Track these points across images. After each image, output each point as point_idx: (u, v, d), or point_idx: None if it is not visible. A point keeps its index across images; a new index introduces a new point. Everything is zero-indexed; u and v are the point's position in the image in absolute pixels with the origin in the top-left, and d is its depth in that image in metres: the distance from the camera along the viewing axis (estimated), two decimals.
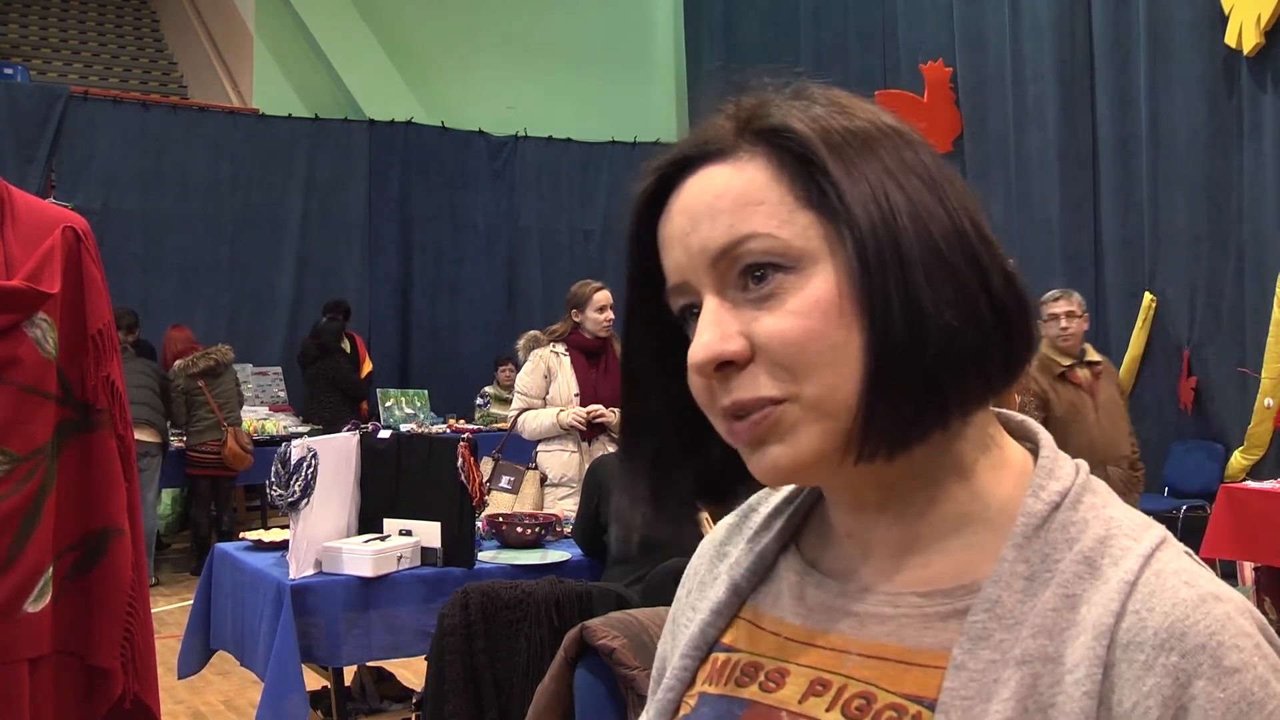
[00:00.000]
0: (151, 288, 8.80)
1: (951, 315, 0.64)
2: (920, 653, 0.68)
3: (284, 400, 8.98)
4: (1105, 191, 7.32)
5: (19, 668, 1.69)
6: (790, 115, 0.68)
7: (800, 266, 0.66)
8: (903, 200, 0.65)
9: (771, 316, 0.66)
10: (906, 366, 0.64)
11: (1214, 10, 6.52)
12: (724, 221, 0.67)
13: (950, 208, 0.67)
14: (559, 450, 4.45)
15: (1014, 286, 0.68)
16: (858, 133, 0.68)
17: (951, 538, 0.70)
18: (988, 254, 0.67)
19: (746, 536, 0.81)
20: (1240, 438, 6.43)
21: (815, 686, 0.70)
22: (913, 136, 0.70)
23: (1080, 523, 0.67)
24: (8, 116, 8.46)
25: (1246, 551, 4.89)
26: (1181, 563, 0.65)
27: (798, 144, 0.67)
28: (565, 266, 10.64)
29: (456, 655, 2.94)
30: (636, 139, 10.76)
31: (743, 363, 0.66)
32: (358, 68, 10.47)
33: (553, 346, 4.58)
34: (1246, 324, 6.44)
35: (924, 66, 8.39)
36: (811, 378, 0.65)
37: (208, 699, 4.86)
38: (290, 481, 3.18)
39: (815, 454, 0.66)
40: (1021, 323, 0.68)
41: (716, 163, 0.69)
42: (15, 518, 1.67)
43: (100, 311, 1.80)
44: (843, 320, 0.65)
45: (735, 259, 0.67)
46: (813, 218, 0.66)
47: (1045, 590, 0.65)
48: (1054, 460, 0.71)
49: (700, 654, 0.78)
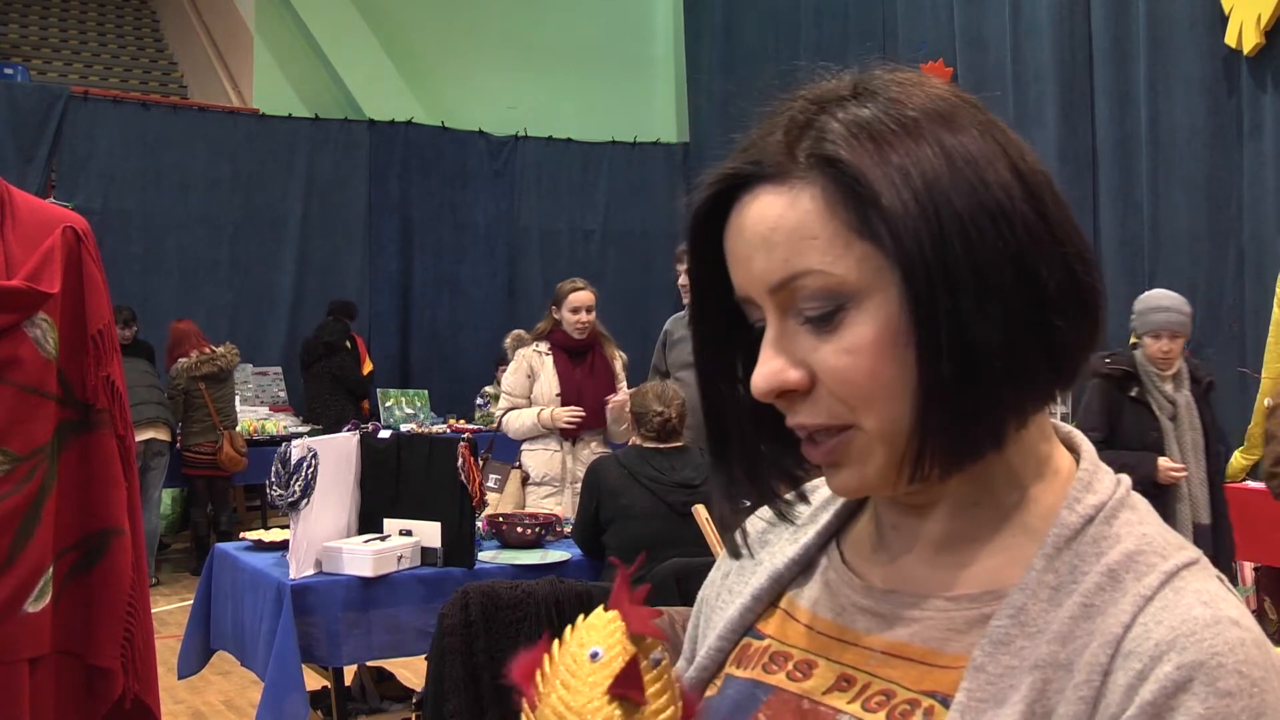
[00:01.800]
0: (151, 288, 8.79)
1: (1000, 340, 0.64)
2: (943, 655, 0.69)
3: (284, 400, 8.98)
4: (1105, 191, 7.31)
5: (19, 668, 1.69)
6: (840, 138, 0.67)
7: (857, 299, 0.66)
8: (952, 218, 0.64)
9: (829, 349, 0.67)
10: (958, 397, 0.65)
11: (1214, 10, 6.52)
12: (779, 255, 0.67)
13: (999, 214, 0.65)
14: (541, 449, 4.42)
15: (1076, 293, 0.67)
16: (910, 136, 0.66)
17: (991, 541, 0.71)
18: (1045, 258, 0.66)
19: (793, 527, 0.82)
20: (1240, 438, 6.43)
21: (841, 682, 0.72)
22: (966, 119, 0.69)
23: (1112, 537, 0.68)
24: (8, 116, 8.46)
25: (1246, 551, 4.89)
26: (1207, 584, 0.65)
27: (850, 176, 0.66)
28: (565, 266, 10.62)
29: (456, 655, 2.94)
30: (636, 139, 10.76)
31: (804, 390, 0.68)
32: (358, 68, 10.47)
33: (535, 345, 4.55)
34: (1246, 324, 6.44)
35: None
36: (871, 411, 0.67)
37: (208, 699, 4.86)
38: (290, 481, 3.18)
39: (880, 476, 0.69)
40: (1078, 332, 0.68)
41: (770, 185, 0.68)
42: (15, 518, 1.67)
43: (100, 311, 1.80)
44: (896, 354, 0.65)
45: (792, 292, 0.67)
46: (868, 248, 0.66)
47: (1068, 600, 0.66)
48: (1093, 473, 0.71)
49: (736, 637, 0.80)
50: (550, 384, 4.45)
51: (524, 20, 11.03)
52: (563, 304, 4.51)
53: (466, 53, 10.86)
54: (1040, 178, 0.69)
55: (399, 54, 10.68)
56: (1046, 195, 0.68)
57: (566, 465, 4.38)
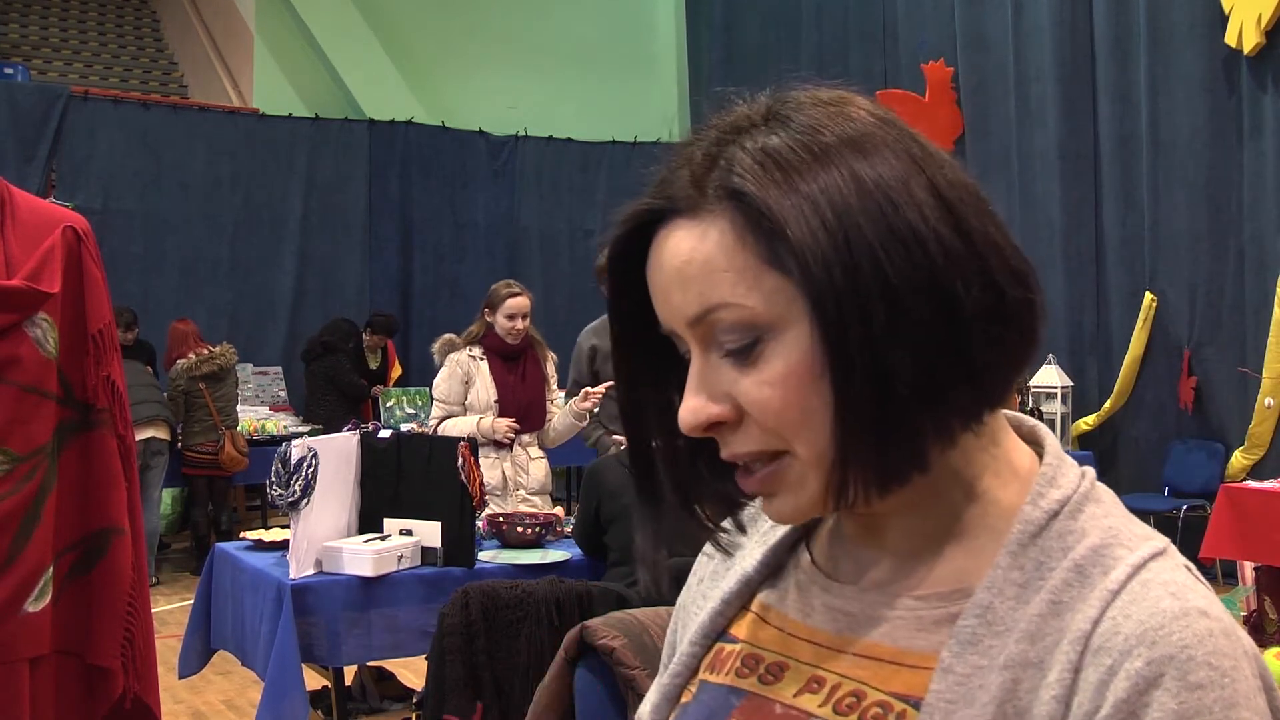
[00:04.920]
0: (151, 288, 8.79)
1: (912, 365, 0.64)
2: (912, 654, 0.68)
3: (284, 400, 8.98)
4: (1106, 191, 7.32)
5: (19, 667, 1.69)
6: (747, 171, 0.66)
7: (773, 331, 0.66)
8: (862, 245, 0.63)
9: (749, 381, 0.67)
10: (872, 425, 0.64)
11: (1214, 10, 6.52)
12: (694, 290, 0.67)
13: (915, 237, 0.64)
14: (481, 459, 4.16)
15: (1000, 298, 0.66)
16: (818, 163, 0.65)
17: (953, 544, 0.70)
18: (964, 276, 0.65)
19: (762, 530, 0.82)
20: (1240, 437, 6.43)
21: (811, 684, 0.72)
22: (882, 139, 0.67)
23: (1078, 531, 0.67)
24: (8, 116, 8.45)
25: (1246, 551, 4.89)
26: (1174, 575, 0.65)
27: (756, 209, 0.65)
28: (565, 266, 10.64)
29: (456, 655, 2.94)
30: (637, 139, 10.76)
31: (733, 422, 0.68)
32: (358, 68, 10.47)
33: (469, 350, 4.40)
34: (1247, 324, 6.44)
35: (925, 66, 8.39)
36: (798, 438, 0.66)
37: (208, 699, 4.86)
38: (290, 481, 3.18)
39: (815, 502, 0.69)
40: (1008, 337, 0.67)
41: (683, 220, 0.68)
42: (15, 517, 1.67)
43: (100, 311, 1.80)
44: (815, 384, 0.65)
45: (708, 326, 0.67)
46: (779, 279, 0.65)
47: (1036, 597, 0.65)
48: (1057, 468, 0.71)
49: (708, 642, 0.80)
50: (487, 390, 4.32)
51: (524, 20, 11.03)
52: (498, 308, 4.35)
53: (466, 53, 10.86)
54: (962, 193, 0.67)
55: (399, 54, 10.68)
56: (969, 212, 0.66)
57: (506, 474, 4.31)
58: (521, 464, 4.35)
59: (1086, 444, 7.23)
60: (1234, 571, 5.31)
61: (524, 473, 4.34)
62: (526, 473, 4.35)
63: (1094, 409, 7.27)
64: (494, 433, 4.25)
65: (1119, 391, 7.10)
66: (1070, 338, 7.42)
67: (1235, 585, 5.28)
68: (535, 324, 4.52)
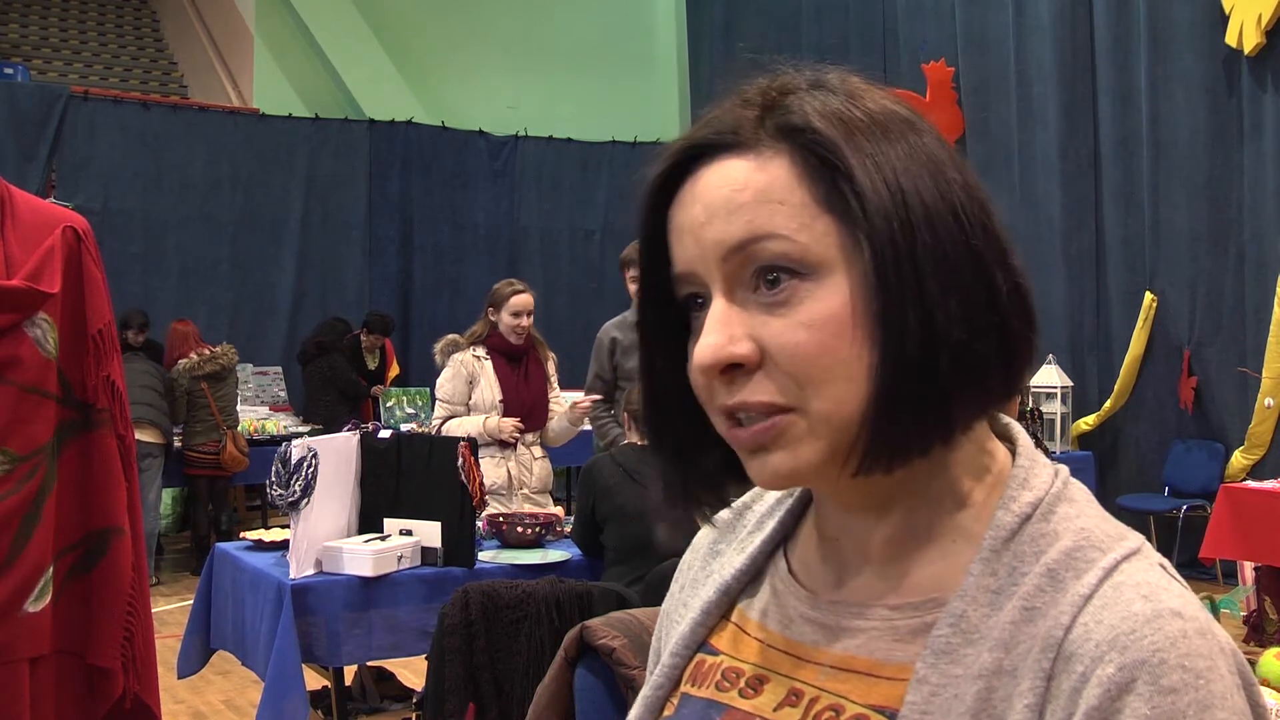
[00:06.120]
0: (152, 288, 8.79)
1: (961, 331, 0.63)
2: (888, 665, 0.67)
3: (284, 400, 8.98)
4: (1106, 191, 7.32)
5: (19, 667, 1.69)
6: (813, 112, 0.66)
7: (816, 274, 0.64)
8: (920, 206, 0.64)
9: (783, 324, 0.64)
10: (916, 385, 0.63)
11: (1214, 10, 6.52)
12: (743, 217, 0.65)
13: (961, 211, 0.65)
14: (486, 458, 4.21)
15: (1021, 299, 0.67)
16: (876, 127, 0.66)
17: (932, 546, 0.69)
18: (995, 262, 0.66)
19: (740, 536, 0.81)
20: (1240, 437, 6.44)
21: (790, 697, 0.71)
22: (923, 125, 0.68)
23: (1050, 534, 0.66)
24: (8, 116, 8.45)
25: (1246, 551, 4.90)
26: (1147, 576, 0.63)
27: (823, 147, 0.65)
28: (565, 266, 10.64)
29: (456, 655, 2.94)
30: (637, 139, 10.75)
31: (751, 367, 0.65)
32: (358, 68, 10.47)
33: (473, 350, 4.38)
34: (1247, 324, 6.44)
35: (926, 66, 8.39)
36: (820, 392, 0.64)
37: (208, 699, 4.86)
38: (290, 481, 3.18)
39: (814, 465, 0.66)
40: (1025, 337, 0.67)
41: (736, 154, 0.67)
42: (15, 517, 1.67)
43: (100, 311, 1.80)
44: (855, 335, 0.63)
45: (750, 257, 0.65)
46: (832, 223, 0.64)
47: (1009, 604, 0.64)
48: (1029, 469, 0.70)
49: (689, 653, 0.79)
50: (492, 390, 4.31)
51: (524, 20, 11.03)
52: (502, 307, 4.35)
53: (466, 53, 10.86)
54: (983, 193, 0.68)
55: (399, 54, 10.68)
56: (990, 209, 0.68)
57: (511, 473, 4.31)
58: (525, 463, 4.35)
59: (1086, 444, 7.23)
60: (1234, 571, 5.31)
61: (528, 472, 4.34)
62: (530, 472, 4.35)
63: (1094, 409, 7.27)
64: (500, 432, 4.24)
65: (1119, 391, 7.10)
66: (1070, 338, 7.42)
67: (1235, 585, 5.29)
68: (535, 324, 4.52)
